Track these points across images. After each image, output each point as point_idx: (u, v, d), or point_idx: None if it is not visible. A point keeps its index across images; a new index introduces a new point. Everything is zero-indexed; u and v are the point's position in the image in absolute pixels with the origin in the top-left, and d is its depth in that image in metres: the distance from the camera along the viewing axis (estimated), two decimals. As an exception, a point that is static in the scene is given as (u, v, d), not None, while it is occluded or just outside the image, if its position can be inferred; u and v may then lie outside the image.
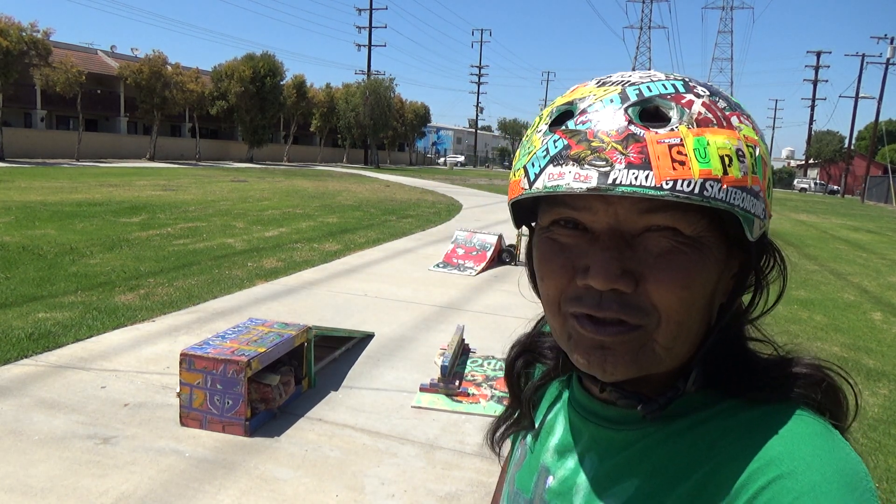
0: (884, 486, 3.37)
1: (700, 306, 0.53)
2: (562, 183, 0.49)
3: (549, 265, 0.55)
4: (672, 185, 0.47)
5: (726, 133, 0.50)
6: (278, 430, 3.56)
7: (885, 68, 48.58)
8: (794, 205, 34.23)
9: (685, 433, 0.55)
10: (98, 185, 18.68)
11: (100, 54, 42.70)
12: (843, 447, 0.49)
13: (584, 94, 0.53)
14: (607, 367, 0.53)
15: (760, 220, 0.52)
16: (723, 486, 0.49)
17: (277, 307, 6.13)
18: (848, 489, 0.46)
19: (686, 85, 0.52)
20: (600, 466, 0.59)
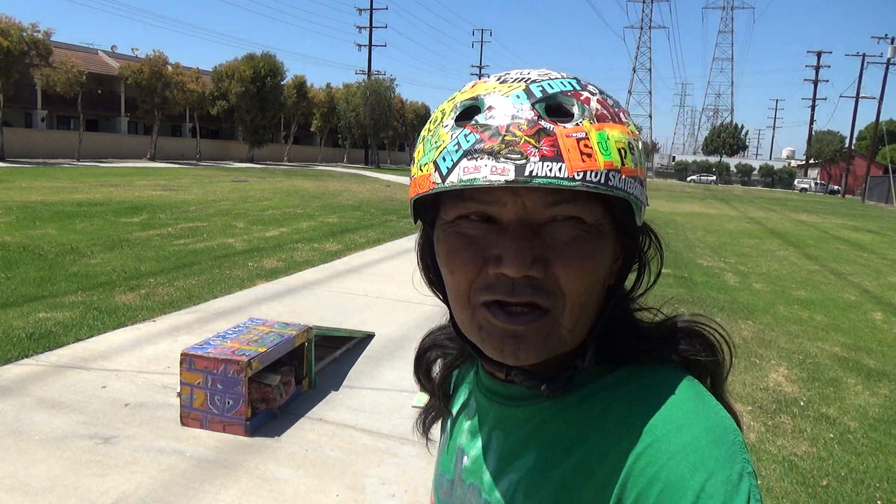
0: (884, 486, 3.37)
1: (598, 289, 0.57)
2: (479, 176, 0.50)
3: (458, 258, 0.55)
4: (583, 175, 0.50)
5: (619, 128, 0.54)
6: (279, 430, 3.56)
7: (886, 68, 48.58)
8: (795, 205, 34.21)
9: (577, 405, 0.59)
10: (98, 185, 18.69)
11: (100, 54, 42.71)
12: (711, 407, 0.54)
13: (489, 90, 0.54)
14: (520, 355, 0.55)
15: (644, 206, 0.57)
16: (609, 452, 0.54)
17: (278, 307, 6.13)
18: (716, 444, 0.50)
19: (580, 83, 0.55)
20: (505, 443, 0.63)
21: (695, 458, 0.49)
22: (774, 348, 5.82)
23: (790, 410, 4.34)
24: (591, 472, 0.54)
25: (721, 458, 0.49)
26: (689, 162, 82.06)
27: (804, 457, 3.64)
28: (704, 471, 0.48)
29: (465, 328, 0.59)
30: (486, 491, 0.63)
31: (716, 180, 73.55)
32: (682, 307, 7.15)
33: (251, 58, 41.50)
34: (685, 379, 0.57)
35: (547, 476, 0.57)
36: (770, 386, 4.81)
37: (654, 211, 22.20)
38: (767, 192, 55.04)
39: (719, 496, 0.47)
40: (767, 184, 72.86)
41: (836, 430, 4.05)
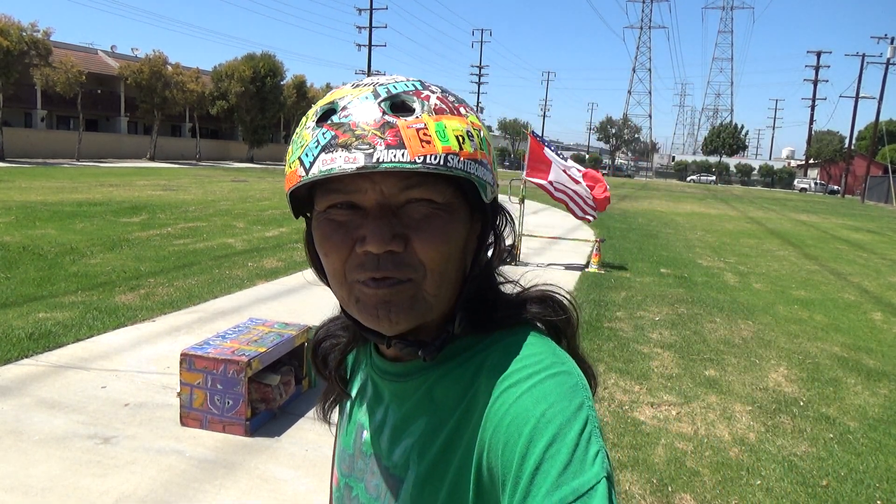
0: (884, 486, 3.37)
1: (455, 259, 0.64)
2: (334, 166, 0.57)
3: (330, 241, 0.63)
4: (423, 159, 0.57)
5: (458, 119, 0.62)
6: (278, 430, 3.56)
7: (886, 68, 48.59)
8: (795, 205, 34.22)
9: (455, 370, 0.67)
10: (98, 184, 18.69)
11: (100, 54, 42.69)
12: (558, 355, 0.63)
13: (343, 94, 0.62)
14: (392, 318, 0.62)
15: (491, 186, 0.65)
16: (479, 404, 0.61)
17: (278, 307, 6.13)
18: (558, 385, 0.58)
19: (423, 84, 0.63)
20: (398, 413, 0.71)
21: (538, 394, 0.57)
22: (774, 348, 5.82)
23: (790, 410, 4.34)
24: (466, 424, 0.63)
25: (562, 394, 0.57)
26: (689, 162, 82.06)
27: (804, 457, 3.64)
28: (545, 402, 0.56)
29: (344, 304, 0.66)
30: (384, 458, 0.71)
31: (715, 180, 73.55)
32: (683, 309, 7.15)
33: (251, 58, 41.48)
34: (540, 337, 0.66)
35: (436, 436, 0.65)
36: (770, 386, 4.81)
37: (654, 211, 22.21)
38: (767, 192, 55.04)
39: (558, 419, 0.54)
40: (767, 184, 72.85)
41: (835, 430, 4.05)
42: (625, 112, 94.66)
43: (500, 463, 0.56)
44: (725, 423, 4.06)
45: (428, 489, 0.65)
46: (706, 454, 3.59)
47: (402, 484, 0.68)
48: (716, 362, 5.28)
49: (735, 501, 3.11)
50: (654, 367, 5.06)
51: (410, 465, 0.67)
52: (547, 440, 0.53)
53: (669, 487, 3.20)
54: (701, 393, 4.55)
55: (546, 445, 0.53)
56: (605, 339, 5.71)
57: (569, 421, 0.54)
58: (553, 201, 9.57)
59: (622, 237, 13.57)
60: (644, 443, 3.68)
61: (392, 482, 0.69)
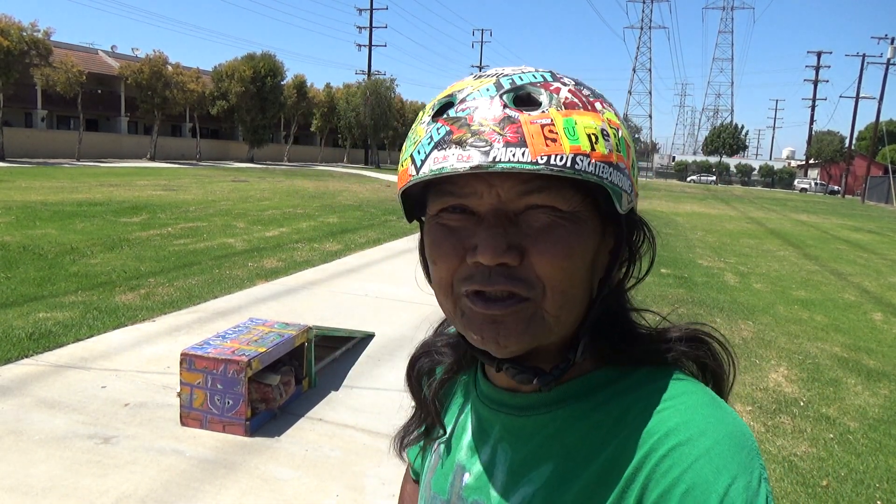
0: (884, 486, 3.37)
1: (581, 276, 0.56)
2: (446, 165, 0.52)
3: (440, 248, 0.57)
4: (546, 159, 0.51)
5: (591, 115, 0.54)
6: (279, 430, 3.56)
7: (886, 68, 48.58)
8: (795, 205, 34.21)
9: (592, 412, 0.58)
10: (98, 184, 18.69)
11: (100, 54, 42.70)
12: (729, 413, 0.55)
13: (463, 87, 0.56)
14: (500, 340, 0.55)
15: (628, 194, 0.56)
16: (629, 459, 0.53)
17: (278, 307, 6.13)
18: (737, 448, 0.51)
19: (553, 76, 0.57)
20: (514, 455, 0.61)
21: (718, 462, 0.50)
22: (774, 348, 5.82)
23: (790, 410, 4.34)
24: (612, 478, 0.54)
25: (742, 463, 0.50)
26: (689, 162, 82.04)
27: (804, 457, 3.64)
28: (728, 475, 0.49)
29: (450, 318, 0.60)
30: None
31: (716, 180, 73.53)
32: (683, 310, 7.15)
33: (251, 58, 41.47)
34: (700, 385, 0.58)
35: (567, 487, 0.57)
36: (770, 386, 4.81)
37: (654, 211, 22.19)
38: (767, 193, 55.03)
39: (741, 500, 0.48)
40: (767, 184, 72.84)
41: (835, 431, 4.05)
42: (625, 112, 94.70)
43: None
44: (725, 423, 4.06)
45: None
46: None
47: None
48: (716, 362, 5.28)
49: (735, 502, 3.11)
50: (655, 367, 5.06)
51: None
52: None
53: (669, 488, 3.19)
54: (701, 393, 4.55)
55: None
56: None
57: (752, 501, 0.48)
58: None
59: (622, 237, 13.56)
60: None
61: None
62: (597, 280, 0.60)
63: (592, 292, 0.60)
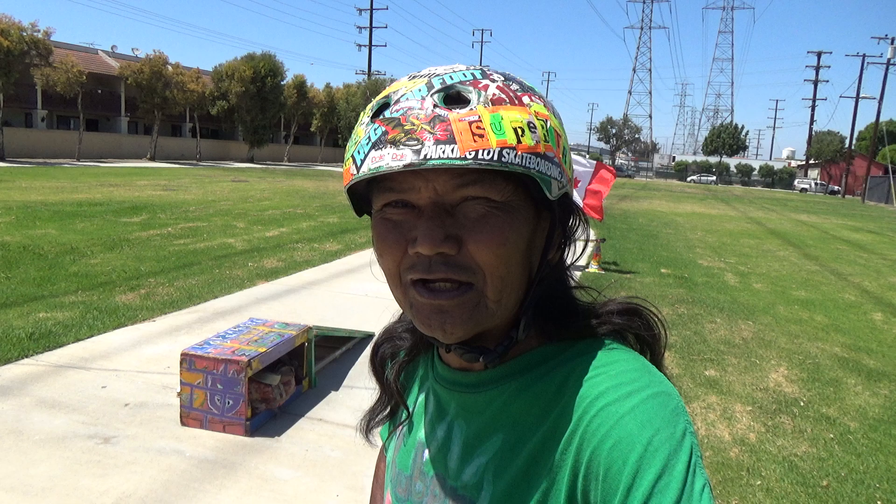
0: (884, 486, 3.37)
1: (517, 261, 0.60)
2: (382, 164, 0.55)
3: (385, 241, 0.61)
4: (474, 154, 0.54)
5: (518, 109, 0.57)
6: (279, 430, 3.56)
7: (886, 69, 48.57)
8: (795, 205, 34.20)
9: (535, 384, 0.63)
10: (99, 184, 18.69)
11: (100, 54, 42.68)
12: (656, 376, 0.59)
13: (398, 88, 0.59)
14: (447, 328, 0.59)
15: (558, 181, 0.59)
16: (567, 423, 0.58)
17: (278, 307, 6.13)
18: (661, 406, 0.55)
19: (483, 73, 0.59)
20: (468, 429, 0.66)
21: (643, 417, 0.53)
22: (774, 348, 5.82)
23: (790, 411, 4.34)
24: (553, 442, 0.59)
25: (666, 418, 0.54)
26: (689, 162, 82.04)
27: (804, 457, 3.64)
28: (652, 428, 0.53)
29: (401, 307, 0.64)
30: (451, 478, 0.66)
31: (716, 180, 73.53)
32: (683, 309, 7.14)
33: (251, 58, 41.45)
34: (631, 353, 0.63)
35: (515, 454, 0.61)
36: (770, 386, 4.81)
37: (655, 211, 22.20)
38: (767, 193, 55.03)
39: (665, 449, 0.52)
40: (767, 184, 72.82)
41: (836, 431, 4.05)
42: (625, 112, 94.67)
43: (601, 489, 0.54)
44: (726, 423, 4.06)
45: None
46: (706, 454, 3.59)
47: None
48: (716, 362, 5.28)
49: (735, 501, 3.11)
50: (655, 367, 5.06)
51: (484, 486, 0.63)
52: (656, 472, 0.51)
53: (669, 488, 3.20)
54: (701, 393, 4.55)
55: (655, 478, 0.51)
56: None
57: (676, 451, 0.52)
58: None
59: (622, 237, 13.57)
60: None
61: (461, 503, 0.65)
62: (536, 263, 0.64)
63: (532, 274, 0.63)
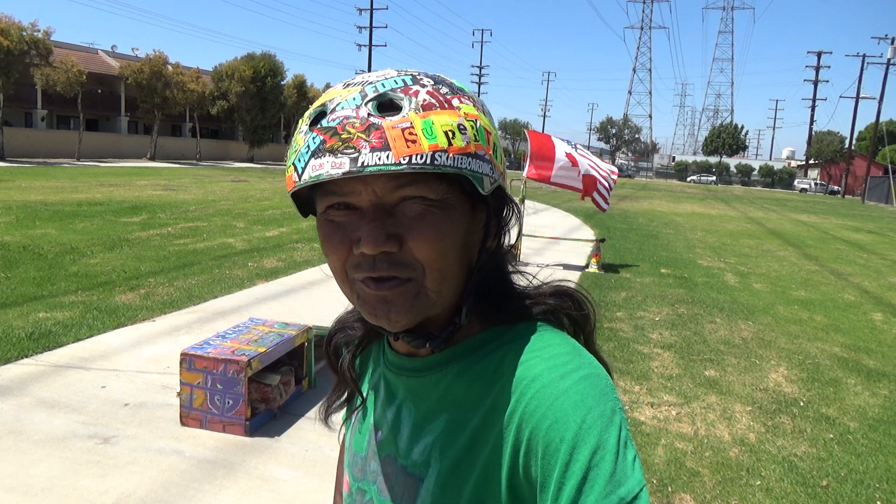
0: (884, 486, 3.37)
1: (455, 253, 0.64)
2: (322, 172, 0.58)
3: (330, 242, 0.64)
4: (408, 159, 0.57)
5: (448, 113, 0.60)
6: (278, 430, 3.56)
7: (886, 69, 48.56)
8: (795, 205, 34.21)
9: (475, 366, 0.67)
10: (98, 184, 18.69)
11: (100, 54, 42.68)
12: (586, 359, 0.64)
13: (333, 96, 0.62)
14: (391, 317, 0.63)
15: (490, 176, 0.63)
16: (507, 404, 0.62)
17: (278, 307, 6.13)
18: (591, 386, 0.59)
19: (414, 78, 0.62)
20: (416, 411, 0.70)
21: (576, 398, 0.58)
22: (774, 349, 5.82)
23: (790, 411, 4.34)
24: (494, 421, 0.63)
25: (596, 397, 0.58)
26: (689, 162, 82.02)
27: (804, 457, 3.64)
28: (584, 407, 0.57)
29: (349, 300, 0.68)
30: (401, 457, 0.70)
31: (716, 181, 73.52)
32: (683, 309, 7.14)
33: (251, 57, 41.45)
34: (560, 334, 0.68)
35: (459, 433, 0.65)
36: (770, 386, 4.81)
37: (655, 211, 22.20)
38: (767, 193, 55.03)
39: (598, 426, 0.56)
40: (767, 184, 72.82)
41: (835, 431, 4.05)
42: (625, 112, 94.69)
43: (541, 466, 0.58)
44: (725, 423, 4.06)
45: (451, 487, 0.65)
46: (706, 454, 3.59)
47: (421, 483, 0.67)
48: (716, 363, 5.28)
49: (735, 502, 3.11)
50: (655, 367, 5.06)
51: (431, 463, 0.67)
52: (591, 447, 0.55)
53: (669, 488, 3.20)
54: (701, 393, 4.55)
55: (591, 453, 0.55)
56: (605, 339, 5.71)
57: (607, 427, 0.56)
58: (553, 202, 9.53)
59: (622, 237, 13.57)
60: (644, 443, 3.67)
61: (410, 482, 0.68)
62: (475, 253, 0.68)
63: (472, 264, 0.68)
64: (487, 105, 0.68)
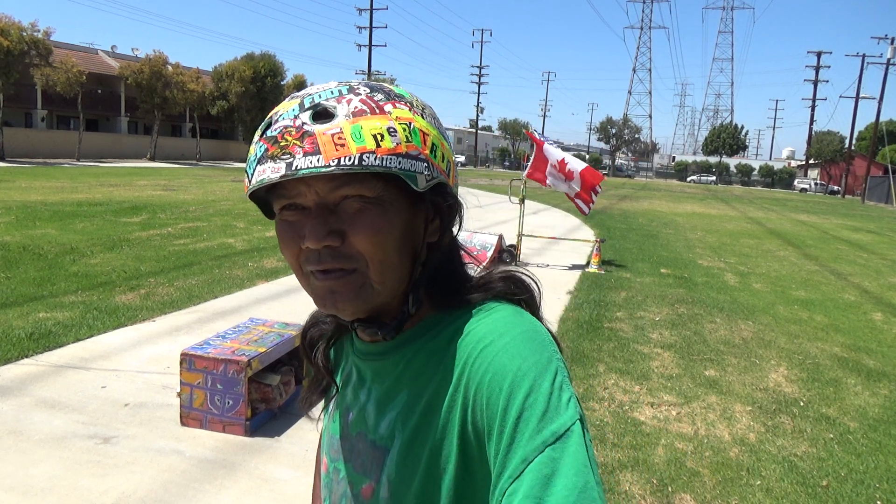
0: (884, 486, 3.37)
1: (395, 246, 0.69)
2: (265, 176, 0.65)
3: (284, 239, 0.70)
4: (337, 161, 0.63)
5: (379, 118, 0.66)
6: (278, 430, 3.56)
7: (886, 69, 48.56)
8: (795, 205, 34.21)
9: (429, 343, 0.73)
10: (98, 184, 18.69)
11: (100, 54, 42.68)
12: (526, 318, 0.70)
13: (278, 109, 0.68)
14: (339, 305, 0.69)
15: (423, 174, 0.68)
16: (457, 367, 0.68)
17: (278, 307, 6.13)
18: (528, 340, 0.65)
19: (350, 88, 0.68)
20: (381, 390, 0.76)
21: (513, 351, 0.63)
22: (774, 348, 5.82)
23: (790, 411, 4.34)
24: (445, 388, 0.68)
25: (533, 349, 0.64)
26: (689, 162, 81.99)
27: (804, 457, 3.64)
28: (520, 358, 0.63)
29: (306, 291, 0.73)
30: (371, 433, 0.76)
31: (716, 180, 73.51)
32: (683, 309, 7.14)
33: (251, 58, 41.47)
34: (507, 304, 0.73)
35: (418, 403, 0.71)
36: (770, 386, 4.81)
37: (655, 211, 22.20)
38: (767, 193, 55.03)
39: (532, 373, 0.61)
40: (767, 184, 72.79)
41: (835, 431, 4.04)
42: (625, 112, 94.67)
43: (486, 416, 0.63)
44: (725, 423, 4.06)
45: (412, 453, 0.70)
46: (706, 454, 3.59)
47: (388, 453, 0.73)
48: (716, 362, 5.28)
49: (735, 502, 3.11)
50: (655, 367, 5.06)
51: (396, 435, 0.72)
52: (525, 391, 0.60)
53: (669, 488, 3.20)
54: (701, 393, 4.55)
55: (525, 396, 0.60)
56: (605, 339, 5.71)
57: (542, 373, 0.61)
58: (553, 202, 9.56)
59: (622, 237, 13.57)
60: (644, 443, 3.67)
61: (378, 454, 0.74)
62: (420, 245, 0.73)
63: (418, 255, 0.73)
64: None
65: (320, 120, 0.65)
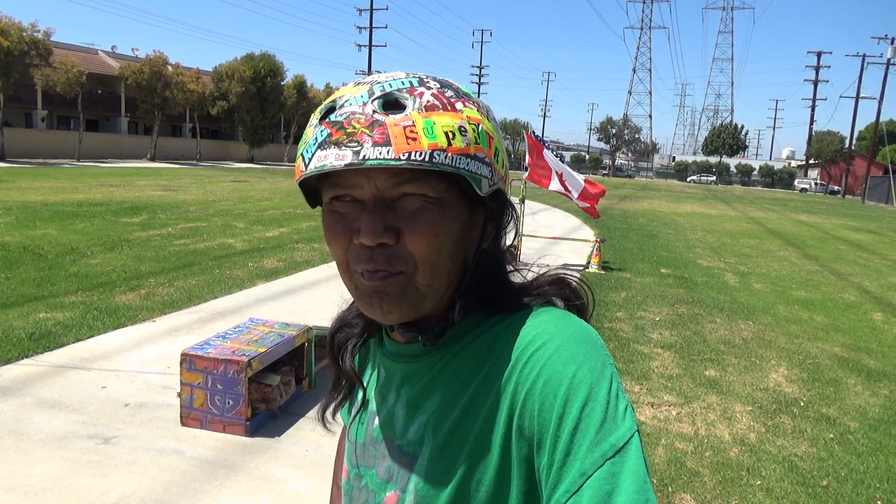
0: (884, 486, 3.37)
1: (449, 250, 0.66)
2: (327, 163, 0.61)
3: (332, 232, 0.67)
4: (408, 156, 0.60)
5: (450, 115, 0.63)
6: (279, 430, 3.56)
7: (886, 69, 48.57)
8: (795, 205, 34.20)
9: (470, 345, 0.69)
10: (99, 185, 18.69)
11: (100, 54, 42.68)
12: (575, 320, 0.66)
13: (344, 93, 0.65)
14: (384, 307, 0.65)
15: (488, 179, 0.66)
16: (502, 372, 0.64)
17: (278, 307, 6.13)
18: (580, 343, 0.62)
19: (420, 81, 0.65)
20: (411, 393, 0.72)
21: (566, 355, 0.60)
22: (774, 348, 5.82)
23: (790, 411, 4.34)
24: (487, 394, 0.65)
25: (587, 353, 0.61)
26: (689, 162, 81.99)
27: (804, 457, 3.64)
28: (575, 363, 0.59)
29: (349, 290, 0.70)
30: (398, 437, 0.72)
31: (716, 181, 73.51)
32: (683, 309, 7.14)
33: (251, 58, 41.47)
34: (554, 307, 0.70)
35: (452, 408, 0.67)
36: (770, 386, 4.81)
37: (655, 211, 22.20)
38: (767, 193, 55.03)
39: (588, 380, 0.58)
40: (767, 184, 72.79)
41: (836, 431, 4.04)
42: (625, 112, 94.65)
43: (537, 423, 0.59)
44: (726, 423, 4.06)
45: (444, 460, 0.66)
46: (706, 454, 3.59)
47: (416, 460, 0.69)
48: (716, 362, 5.28)
49: (735, 502, 3.11)
50: (655, 367, 5.06)
51: (426, 440, 0.69)
52: (582, 400, 0.57)
53: (670, 488, 3.20)
54: (701, 393, 4.55)
55: (582, 405, 0.57)
56: (605, 339, 5.68)
57: (598, 379, 0.58)
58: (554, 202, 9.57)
59: (622, 237, 13.57)
60: (644, 443, 3.66)
61: (405, 460, 0.70)
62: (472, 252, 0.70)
63: (468, 262, 0.70)
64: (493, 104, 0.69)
65: (391, 110, 0.62)
